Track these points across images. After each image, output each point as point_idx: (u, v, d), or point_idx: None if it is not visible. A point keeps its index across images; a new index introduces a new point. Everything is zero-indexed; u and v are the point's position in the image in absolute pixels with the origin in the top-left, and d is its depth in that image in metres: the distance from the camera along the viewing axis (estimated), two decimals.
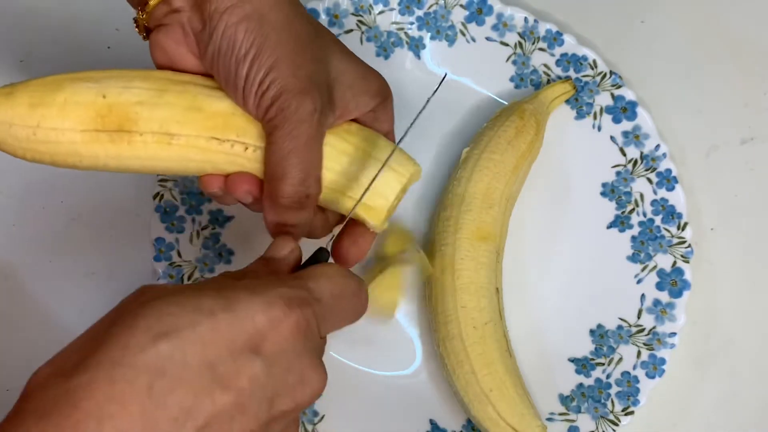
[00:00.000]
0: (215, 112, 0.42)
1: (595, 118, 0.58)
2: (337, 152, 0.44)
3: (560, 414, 0.54)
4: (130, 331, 0.32)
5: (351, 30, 0.59)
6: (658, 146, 0.57)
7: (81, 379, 0.30)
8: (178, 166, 0.43)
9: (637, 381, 0.54)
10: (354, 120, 0.46)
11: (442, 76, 0.47)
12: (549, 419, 0.54)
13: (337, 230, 0.44)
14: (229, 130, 0.42)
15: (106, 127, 0.41)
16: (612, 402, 0.54)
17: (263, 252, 0.42)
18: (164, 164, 0.43)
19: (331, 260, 0.42)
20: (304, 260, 0.41)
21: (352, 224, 0.46)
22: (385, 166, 0.43)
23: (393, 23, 0.59)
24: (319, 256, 0.41)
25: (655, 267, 0.56)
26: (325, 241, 0.42)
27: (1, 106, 0.40)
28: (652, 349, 0.55)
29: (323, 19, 0.58)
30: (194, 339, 0.32)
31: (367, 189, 0.43)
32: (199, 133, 0.42)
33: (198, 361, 0.31)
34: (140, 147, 0.41)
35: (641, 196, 0.57)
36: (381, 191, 0.44)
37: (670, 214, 0.56)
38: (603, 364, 0.55)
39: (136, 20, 0.44)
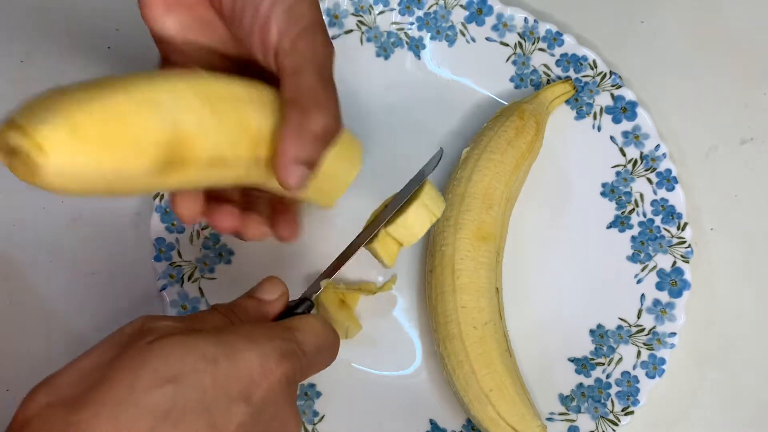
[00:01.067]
0: (260, 130, 0.39)
1: (595, 118, 0.58)
2: None
3: (560, 414, 0.54)
4: (137, 371, 0.33)
5: (351, 30, 0.59)
6: (658, 146, 0.57)
7: (84, 414, 0.31)
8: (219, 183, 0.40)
9: (637, 381, 0.54)
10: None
11: (439, 151, 0.48)
12: (549, 419, 0.54)
13: (324, 284, 0.45)
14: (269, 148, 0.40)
15: (174, 159, 0.35)
16: (612, 402, 0.54)
17: (263, 252, 0.42)
18: (202, 180, 0.38)
19: (314, 311, 0.44)
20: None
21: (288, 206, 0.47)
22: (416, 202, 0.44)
23: (393, 23, 0.59)
24: (302, 305, 0.43)
25: (655, 267, 0.56)
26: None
27: (73, 152, 0.30)
28: (652, 349, 0.55)
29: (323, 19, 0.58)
30: (197, 385, 0.33)
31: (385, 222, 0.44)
32: (248, 154, 0.39)
33: (197, 405, 0.33)
34: (192, 174, 0.37)
35: (641, 196, 0.57)
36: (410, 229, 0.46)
37: (670, 214, 0.56)
38: (603, 364, 0.55)
39: None
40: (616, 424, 0.54)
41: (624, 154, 0.58)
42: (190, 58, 0.42)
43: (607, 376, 0.55)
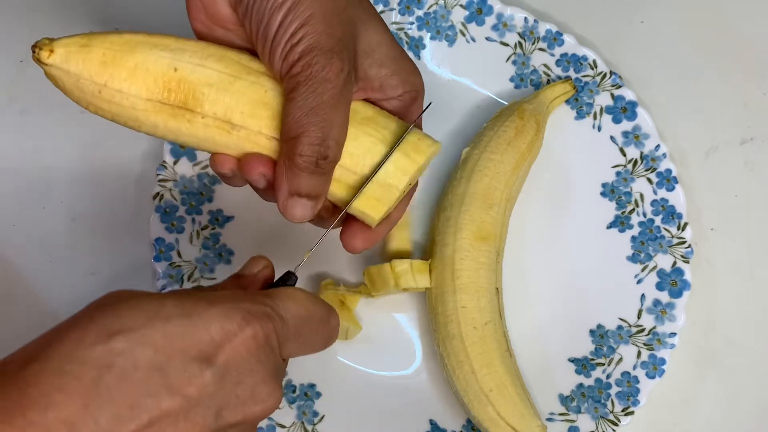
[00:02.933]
0: (281, 112, 0.40)
1: (595, 118, 0.58)
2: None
3: (560, 414, 0.54)
4: (86, 327, 0.33)
5: None
6: (658, 146, 0.57)
7: (32, 368, 0.31)
8: (233, 153, 0.42)
9: (637, 381, 0.54)
10: (374, 101, 0.43)
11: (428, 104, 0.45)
12: (549, 419, 0.54)
13: (306, 255, 0.42)
14: None
15: (170, 100, 0.40)
16: (612, 402, 0.54)
17: (263, 253, 0.42)
18: (219, 149, 0.41)
19: (298, 285, 0.41)
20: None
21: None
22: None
23: (393, 23, 0.59)
24: (286, 279, 0.41)
25: (655, 267, 0.56)
26: (293, 265, 0.41)
27: (75, 57, 0.39)
28: (652, 349, 0.55)
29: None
30: (146, 341, 0.32)
31: (369, 179, 0.41)
32: (261, 129, 0.40)
33: (148, 362, 0.32)
34: (199, 128, 0.41)
35: (641, 196, 0.57)
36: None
37: (670, 214, 0.56)
38: (603, 364, 0.55)
39: None
40: (616, 425, 0.54)
41: (624, 154, 0.58)
42: None
43: (607, 377, 0.55)
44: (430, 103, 0.45)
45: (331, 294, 0.55)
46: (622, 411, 0.54)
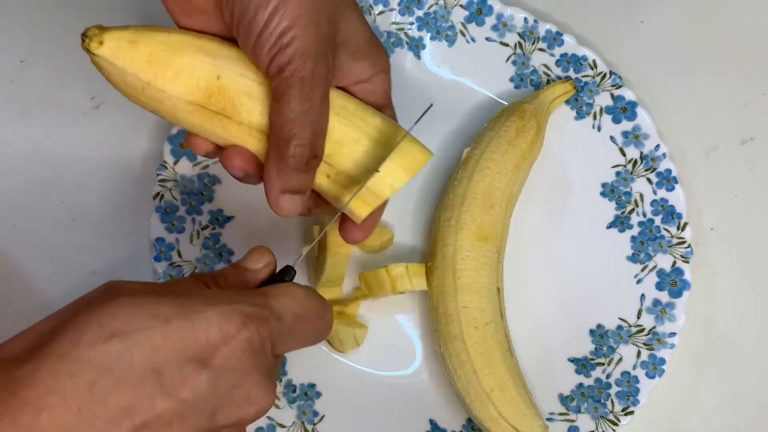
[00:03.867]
0: (271, 109, 0.41)
1: (595, 118, 0.58)
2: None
3: (560, 414, 0.54)
4: (83, 326, 0.32)
5: None
6: (657, 146, 0.57)
7: (26, 368, 0.31)
8: (261, 154, 0.43)
9: (637, 381, 0.54)
10: (343, 87, 0.45)
11: (429, 105, 0.46)
12: (549, 419, 0.54)
13: (305, 250, 0.43)
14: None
15: (209, 105, 0.41)
16: (612, 402, 0.54)
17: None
18: (250, 149, 0.43)
19: (296, 280, 0.42)
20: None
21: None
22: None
23: (393, 23, 0.59)
24: (285, 274, 0.41)
25: (654, 267, 0.56)
26: (292, 259, 0.42)
27: (123, 52, 0.40)
28: (652, 349, 0.55)
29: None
30: (144, 342, 0.32)
31: (362, 185, 0.42)
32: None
33: (144, 364, 0.32)
34: (233, 133, 0.42)
35: (641, 196, 0.57)
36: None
37: (670, 214, 0.56)
38: (603, 364, 0.55)
39: None
40: (616, 425, 0.54)
41: (624, 154, 0.58)
42: None
43: (607, 376, 0.55)
44: (431, 105, 0.45)
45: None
46: (622, 411, 0.54)
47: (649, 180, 0.57)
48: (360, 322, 0.55)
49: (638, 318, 0.55)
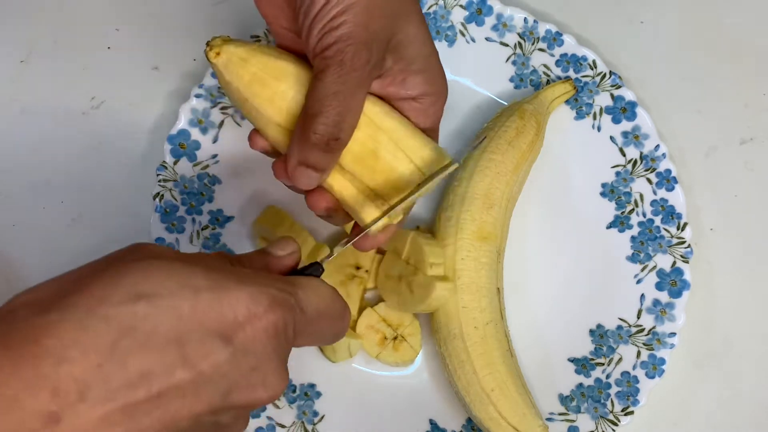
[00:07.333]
0: (385, 169, 0.44)
1: (594, 118, 0.58)
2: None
3: (560, 414, 0.54)
4: (113, 283, 0.32)
5: None
6: (657, 146, 0.57)
7: (51, 317, 0.30)
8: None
9: (637, 381, 0.54)
10: (393, 103, 0.46)
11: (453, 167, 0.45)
12: (549, 419, 0.54)
13: (337, 251, 0.43)
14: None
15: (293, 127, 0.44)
16: (612, 402, 0.54)
17: None
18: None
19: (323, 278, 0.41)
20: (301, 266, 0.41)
21: None
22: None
23: None
24: (312, 269, 0.41)
25: (654, 267, 0.56)
26: (321, 257, 0.42)
27: (232, 67, 0.43)
28: (652, 349, 0.55)
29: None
30: (171, 310, 0.32)
31: (392, 207, 0.44)
32: (366, 181, 0.45)
33: (169, 331, 0.31)
34: None
35: (641, 196, 0.57)
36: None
37: (670, 214, 0.56)
38: (603, 364, 0.55)
39: None
40: (616, 424, 0.54)
41: (624, 154, 0.58)
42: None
43: (607, 377, 0.55)
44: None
45: None
46: (622, 411, 0.54)
47: (648, 180, 0.57)
48: (356, 333, 0.55)
49: (638, 318, 0.55)
